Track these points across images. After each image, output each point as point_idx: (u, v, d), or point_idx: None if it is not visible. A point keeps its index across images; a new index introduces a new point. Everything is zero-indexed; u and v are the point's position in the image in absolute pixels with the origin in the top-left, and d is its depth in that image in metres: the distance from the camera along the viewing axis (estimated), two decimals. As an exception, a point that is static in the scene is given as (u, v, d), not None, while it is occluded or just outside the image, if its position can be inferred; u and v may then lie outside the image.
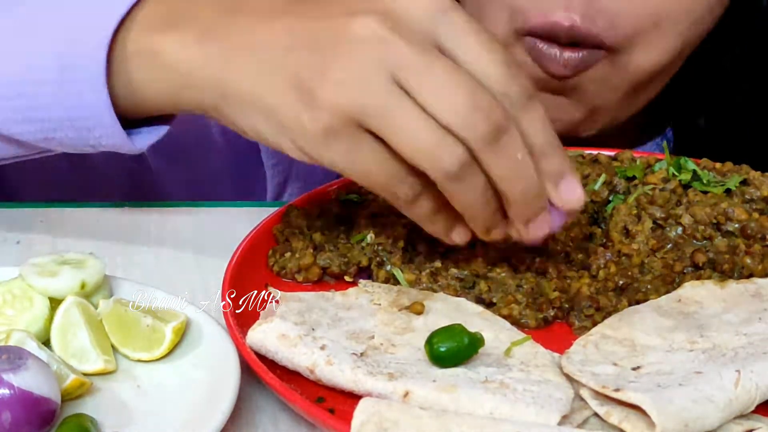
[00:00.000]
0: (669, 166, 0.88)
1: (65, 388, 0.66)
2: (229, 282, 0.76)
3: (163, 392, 0.69)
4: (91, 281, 0.74)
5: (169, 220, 0.95)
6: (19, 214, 0.95)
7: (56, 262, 0.74)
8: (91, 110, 0.76)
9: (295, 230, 0.84)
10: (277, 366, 0.69)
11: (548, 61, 0.94)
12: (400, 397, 0.65)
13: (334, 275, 0.80)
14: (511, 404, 0.64)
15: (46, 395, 0.63)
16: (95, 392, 0.69)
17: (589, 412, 0.65)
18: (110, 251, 0.87)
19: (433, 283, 0.78)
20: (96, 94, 0.75)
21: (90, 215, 0.95)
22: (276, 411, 0.70)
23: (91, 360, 0.70)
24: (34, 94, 0.77)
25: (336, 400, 0.67)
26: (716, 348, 0.69)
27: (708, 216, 0.82)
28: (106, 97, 0.75)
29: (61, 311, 0.71)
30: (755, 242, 0.80)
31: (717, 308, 0.75)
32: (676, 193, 0.85)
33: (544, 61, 0.94)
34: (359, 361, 0.67)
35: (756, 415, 0.65)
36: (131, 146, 0.78)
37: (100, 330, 0.72)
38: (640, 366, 0.68)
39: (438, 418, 0.62)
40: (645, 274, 0.79)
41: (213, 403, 0.66)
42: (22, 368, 0.63)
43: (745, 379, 0.64)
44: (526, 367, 0.68)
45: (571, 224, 0.83)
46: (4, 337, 0.69)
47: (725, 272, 0.79)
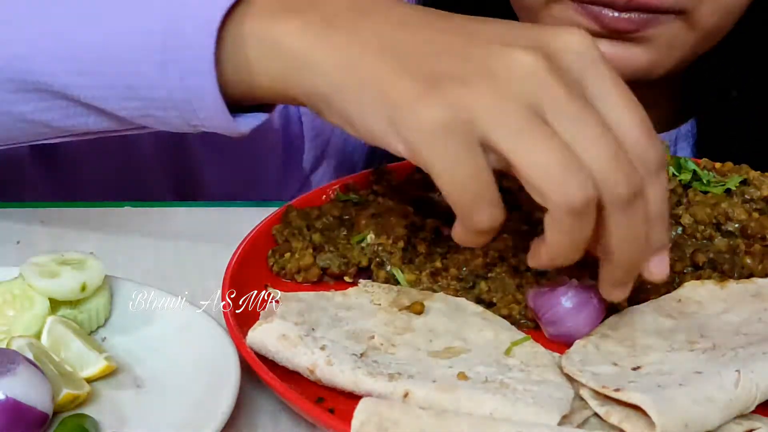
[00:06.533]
0: (669, 166, 0.88)
1: (58, 402, 0.66)
2: (229, 282, 0.76)
3: (163, 392, 0.69)
4: (91, 282, 0.74)
5: (169, 220, 0.95)
6: (19, 214, 0.95)
7: (56, 262, 0.74)
8: (197, 93, 0.73)
9: (294, 230, 0.84)
10: (277, 366, 0.69)
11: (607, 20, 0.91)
12: (400, 397, 0.65)
13: (333, 276, 0.80)
14: (511, 404, 0.64)
15: (33, 404, 0.63)
16: (95, 392, 0.69)
17: (589, 412, 0.65)
18: (110, 251, 0.87)
19: (433, 283, 0.78)
20: (203, 77, 0.73)
21: (90, 215, 0.95)
22: (276, 411, 0.70)
23: (92, 362, 0.70)
24: (138, 72, 0.75)
25: (336, 400, 0.67)
26: (716, 348, 0.69)
27: (708, 216, 0.82)
28: (214, 80, 0.72)
29: (45, 333, 0.70)
30: (755, 242, 0.80)
31: (717, 308, 0.75)
32: (676, 193, 0.85)
33: (603, 19, 0.91)
34: (359, 362, 0.67)
35: (756, 415, 0.65)
36: (235, 129, 0.76)
37: (87, 337, 0.72)
38: (640, 366, 0.68)
39: (438, 418, 0.62)
40: (645, 274, 0.79)
41: (213, 403, 0.66)
42: (11, 374, 0.62)
43: (745, 379, 0.64)
44: (526, 367, 0.68)
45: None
46: (6, 342, 0.69)
47: (725, 272, 0.79)
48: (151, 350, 0.73)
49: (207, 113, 0.75)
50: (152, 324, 0.75)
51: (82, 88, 0.77)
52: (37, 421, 0.63)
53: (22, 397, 0.62)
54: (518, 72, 0.64)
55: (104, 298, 0.75)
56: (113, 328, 0.75)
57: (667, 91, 1.06)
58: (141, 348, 0.73)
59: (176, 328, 0.73)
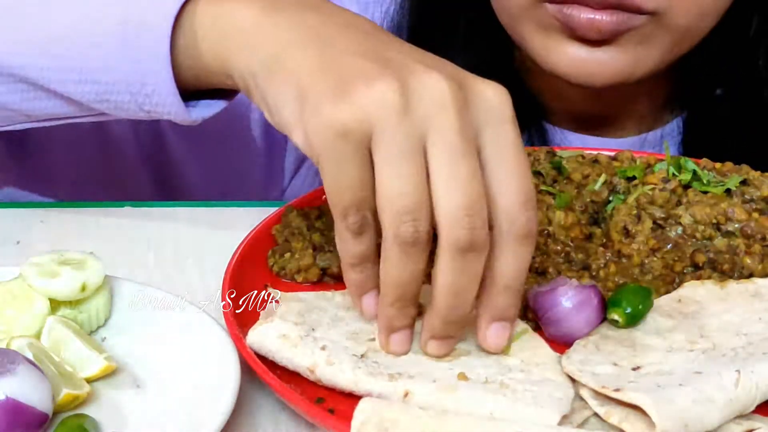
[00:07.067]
0: (669, 166, 0.88)
1: (58, 402, 0.65)
2: (229, 282, 0.76)
3: (163, 392, 0.69)
4: (91, 282, 0.74)
5: (169, 220, 0.95)
6: (19, 214, 0.95)
7: (56, 262, 0.74)
8: (152, 76, 0.76)
9: (294, 231, 0.84)
10: (277, 366, 0.69)
11: (578, 26, 0.92)
12: (400, 397, 0.65)
13: (333, 276, 0.80)
14: (511, 404, 0.64)
15: (33, 404, 0.62)
16: (95, 392, 0.69)
17: (589, 412, 0.65)
18: (110, 251, 0.87)
19: (433, 284, 0.78)
20: (157, 61, 0.76)
21: (90, 215, 0.95)
22: (276, 411, 0.70)
23: (92, 362, 0.70)
24: (94, 55, 0.78)
25: (336, 400, 0.67)
26: (716, 348, 0.69)
27: (708, 216, 0.82)
28: (168, 64, 0.76)
29: (45, 334, 0.71)
30: (755, 242, 0.80)
31: (717, 308, 0.75)
32: (676, 193, 0.85)
33: (573, 25, 0.92)
34: (359, 362, 0.67)
35: (756, 415, 0.65)
36: (187, 116, 0.79)
37: (87, 337, 0.72)
38: (640, 366, 0.68)
39: (438, 418, 0.62)
40: (645, 274, 0.79)
41: (213, 403, 0.66)
42: (11, 374, 0.62)
43: (745, 379, 0.64)
44: (526, 367, 0.68)
45: (571, 224, 0.83)
46: (6, 342, 0.69)
47: (725, 272, 0.79)
48: (151, 350, 0.73)
49: (159, 98, 0.78)
50: (152, 324, 0.75)
51: (41, 70, 0.80)
52: (37, 421, 0.63)
53: (22, 397, 0.62)
54: (429, 91, 0.65)
55: (104, 298, 0.75)
56: (113, 328, 0.75)
57: (652, 90, 1.07)
58: (141, 348, 0.73)
59: (176, 328, 0.73)
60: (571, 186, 0.88)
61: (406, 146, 0.64)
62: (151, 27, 0.76)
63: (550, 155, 0.93)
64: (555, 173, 0.90)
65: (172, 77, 0.76)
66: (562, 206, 0.84)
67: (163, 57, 0.76)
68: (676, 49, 0.97)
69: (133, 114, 0.81)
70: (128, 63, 0.77)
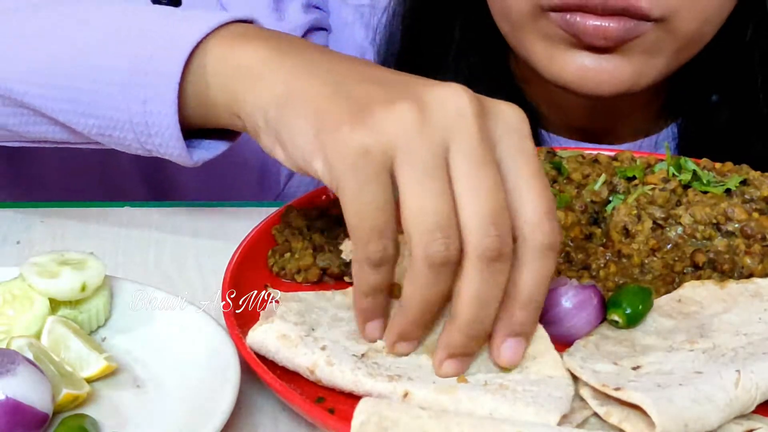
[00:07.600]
0: (669, 166, 0.88)
1: (58, 402, 0.66)
2: (229, 282, 0.76)
3: (163, 392, 0.69)
4: (91, 282, 0.74)
5: (169, 220, 0.95)
6: (19, 214, 0.95)
7: (56, 262, 0.74)
8: (157, 118, 0.77)
9: (294, 231, 0.84)
10: (277, 366, 0.69)
11: (584, 33, 0.92)
12: (399, 397, 0.65)
13: (333, 276, 0.80)
14: (511, 404, 0.64)
15: (33, 404, 0.62)
16: (95, 392, 0.69)
17: (589, 411, 0.65)
18: (110, 251, 0.87)
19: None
20: (164, 104, 0.76)
21: (90, 215, 0.95)
22: (276, 411, 0.70)
23: (92, 362, 0.70)
24: (102, 91, 0.78)
25: (336, 400, 0.67)
26: (716, 348, 0.69)
27: (708, 216, 0.82)
28: (174, 108, 0.76)
29: (45, 334, 0.70)
30: (755, 242, 0.80)
31: (717, 308, 0.75)
32: (676, 193, 0.85)
33: (579, 33, 0.92)
34: (359, 362, 0.67)
35: (756, 415, 0.65)
36: (188, 159, 0.80)
37: (87, 337, 0.72)
38: (640, 366, 0.68)
39: (438, 418, 0.62)
40: (645, 274, 0.79)
41: (213, 403, 0.66)
42: (11, 374, 0.62)
43: (745, 379, 0.64)
44: (524, 362, 0.68)
45: (571, 224, 0.83)
46: (6, 342, 0.69)
47: (725, 272, 0.79)
48: (151, 350, 0.73)
49: (162, 140, 0.78)
50: (152, 324, 0.75)
51: (45, 99, 0.80)
52: (37, 421, 0.63)
53: (22, 397, 0.62)
54: (446, 103, 0.65)
55: (104, 298, 0.75)
56: (113, 328, 0.75)
57: (648, 96, 1.06)
58: (141, 348, 0.73)
59: (176, 328, 0.73)
60: (571, 186, 0.88)
61: (430, 163, 0.63)
62: (161, 70, 0.76)
63: (550, 155, 0.93)
64: (555, 173, 0.90)
65: (177, 122, 0.77)
66: (562, 206, 0.84)
67: (171, 101, 0.76)
68: (680, 57, 0.97)
69: (133, 150, 0.81)
70: (135, 103, 0.77)
